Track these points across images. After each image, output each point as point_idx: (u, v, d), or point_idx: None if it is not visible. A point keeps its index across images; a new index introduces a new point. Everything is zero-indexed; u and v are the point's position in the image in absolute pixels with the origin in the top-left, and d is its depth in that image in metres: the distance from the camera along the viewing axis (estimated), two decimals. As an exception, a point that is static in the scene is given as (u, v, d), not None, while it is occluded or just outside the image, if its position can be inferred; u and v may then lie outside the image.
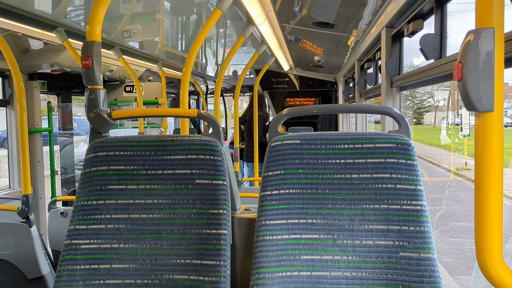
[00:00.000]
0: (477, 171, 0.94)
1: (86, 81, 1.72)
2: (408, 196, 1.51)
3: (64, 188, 4.96)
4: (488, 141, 0.92)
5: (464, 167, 11.53)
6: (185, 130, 2.42)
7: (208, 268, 1.58)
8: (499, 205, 0.93)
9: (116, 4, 2.81)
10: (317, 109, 2.04)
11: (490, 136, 0.91)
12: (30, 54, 3.80)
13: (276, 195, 1.57)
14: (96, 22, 1.70)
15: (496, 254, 0.93)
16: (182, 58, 5.19)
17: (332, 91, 8.27)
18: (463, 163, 11.84)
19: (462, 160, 11.92)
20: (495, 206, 0.92)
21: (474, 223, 0.96)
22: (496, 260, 0.93)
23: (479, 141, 0.93)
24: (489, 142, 0.92)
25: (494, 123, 0.91)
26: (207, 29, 2.33)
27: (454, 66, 0.92)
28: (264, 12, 3.10)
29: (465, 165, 11.54)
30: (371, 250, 1.52)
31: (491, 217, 0.92)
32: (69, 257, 1.63)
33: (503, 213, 0.93)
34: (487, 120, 0.91)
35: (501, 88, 0.90)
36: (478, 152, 0.93)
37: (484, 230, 0.93)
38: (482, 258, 0.95)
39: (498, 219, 0.93)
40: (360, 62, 4.84)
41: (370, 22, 3.38)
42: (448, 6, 2.27)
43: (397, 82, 2.97)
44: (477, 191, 0.94)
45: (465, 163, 11.62)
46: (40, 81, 4.10)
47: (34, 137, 4.09)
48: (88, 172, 1.68)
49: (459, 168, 11.72)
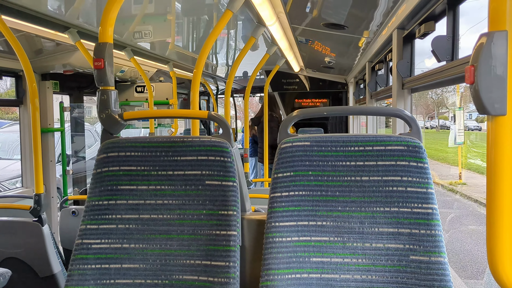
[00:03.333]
0: (489, 175, 0.93)
1: (98, 82, 1.73)
2: (419, 199, 1.50)
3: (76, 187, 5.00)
4: (501, 145, 0.91)
5: (458, 181, 10.60)
6: (196, 131, 2.42)
7: (217, 269, 1.58)
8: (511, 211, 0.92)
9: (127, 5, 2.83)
10: (327, 111, 2.03)
11: (502, 140, 0.91)
12: (43, 54, 3.84)
13: (285, 197, 1.57)
14: (108, 23, 1.71)
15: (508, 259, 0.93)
16: (193, 59, 5.21)
17: (343, 92, 8.24)
18: (455, 175, 10.85)
19: (455, 172, 10.96)
20: (508, 210, 0.92)
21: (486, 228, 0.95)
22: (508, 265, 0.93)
23: (492, 145, 0.92)
24: (502, 146, 0.91)
25: (507, 127, 0.91)
26: (218, 30, 2.34)
27: (466, 69, 0.92)
28: (275, 13, 3.11)
29: (459, 179, 10.60)
30: (381, 253, 1.51)
31: (503, 222, 0.92)
32: (80, 257, 1.64)
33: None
34: (499, 124, 0.90)
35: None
36: (491, 156, 0.93)
37: (496, 234, 0.93)
38: (493, 263, 0.94)
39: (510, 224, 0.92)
40: (371, 63, 4.83)
41: (381, 24, 3.37)
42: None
43: (408, 84, 2.96)
44: (489, 195, 0.94)
45: (459, 175, 10.70)
46: (53, 81, 4.14)
47: (46, 137, 4.13)
48: (99, 172, 1.70)
49: (452, 183, 10.77)
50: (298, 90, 8.37)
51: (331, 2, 2.99)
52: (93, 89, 4.93)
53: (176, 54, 4.88)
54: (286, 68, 7.27)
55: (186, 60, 5.27)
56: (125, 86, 5.47)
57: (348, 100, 8.01)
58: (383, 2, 2.81)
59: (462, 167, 10.82)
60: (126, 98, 5.49)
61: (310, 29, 3.96)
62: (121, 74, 4.73)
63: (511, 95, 0.89)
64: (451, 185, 10.57)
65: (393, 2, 2.74)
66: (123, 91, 5.47)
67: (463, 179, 10.43)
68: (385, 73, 4.22)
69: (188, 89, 7.52)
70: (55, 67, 3.98)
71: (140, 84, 5.46)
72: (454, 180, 10.72)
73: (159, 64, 5.05)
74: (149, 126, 5.03)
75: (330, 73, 7.80)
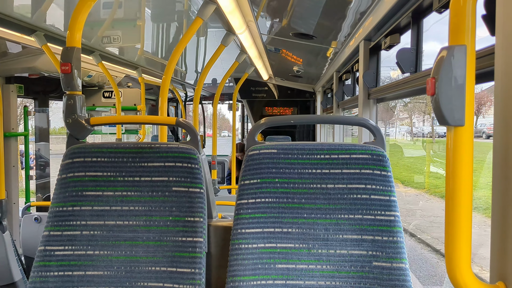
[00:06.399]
0: (447, 183, 0.97)
1: (64, 87, 1.71)
2: (382, 207, 1.54)
3: (39, 193, 4.89)
4: (459, 155, 0.95)
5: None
6: (164, 137, 2.41)
7: (183, 275, 1.58)
8: (468, 218, 0.96)
9: (96, 9, 2.80)
10: (294, 119, 2.06)
11: (461, 149, 0.94)
12: (8, 57, 3.74)
13: (252, 203, 1.59)
14: (76, 28, 1.70)
15: (465, 265, 0.96)
16: (162, 65, 5.18)
17: (311, 101, 8.33)
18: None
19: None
20: (465, 218, 0.95)
21: (444, 235, 0.98)
22: (465, 270, 0.96)
23: (450, 154, 0.95)
24: (460, 156, 0.95)
25: (465, 137, 0.94)
26: (188, 37, 2.34)
27: (428, 81, 0.95)
28: (245, 22, 3.13)
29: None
30: (345, 259, 1.54)
31: (461, 229, 0.95)
32: (42, 264, 1.61)
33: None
34: (458, 134, 0.94)
35: (472, 103, 0.93)
36: (449, 165, 0.96)
37: (454, 241, 0.96)
38: (451, 269, 0.97)
39: (467, 231, 0.95)
40: (338, 73, 4.90)
41: (349, 35, 3.43)
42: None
43: (374, 94, 3.02)
44: (448, 203, 0.97)
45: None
46: (17, 85, 4.05)
47: (9, 142, 4.03)
48: (64, 178, 1.67)
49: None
50: (266, 98, 8.42)
51: (300, 12, 3.03)
52: (59, 94, 4.84)
53: (145, 60, 4.84)
54: (255, 76, 7.30)
55: (155, 66, 5.24)
56: (92, 91, 5.39)
57: (316, 108, 8.10)
58: (351, 14, 2.86)
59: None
60: (93, 103, 5.41)
61: (279, 38, 3.99)
62: (88, 79, 4.66)
63: (469, 107, 0.93)
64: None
65: (360, 14, 2.80)
66: (90, 96, 5.39)
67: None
68: (352, 83, 4.29)
69: (156, 95, 7.47)
70: (20, 70, 3.90)
71: (108, 89, 5.39)
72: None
73: (128, 69, 5.00)
74: (116, 132, 4.97)
75: (299, 82, 7.87)
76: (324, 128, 7.62)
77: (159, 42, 4.20)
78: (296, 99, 8.36)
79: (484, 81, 1.38)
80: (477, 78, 1.00)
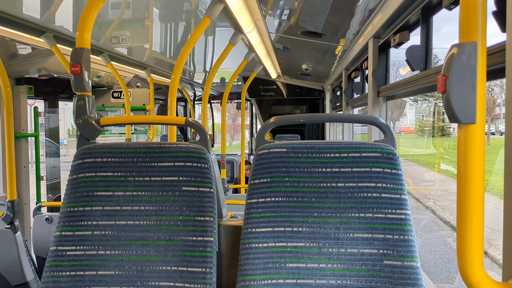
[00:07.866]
0: (459, 182, 0.96)
1: (74, 88, 1.72)
2: (393, 205, 1.53)
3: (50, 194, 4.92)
4: (471, 152, 0.94)
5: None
6: (173, 137, 2.42)
7: (194, 275, 1.58)
8: (480, 216, 0.95)
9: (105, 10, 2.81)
10: (303, 118, 2.05)
11: (472, 147, 0.94)
12: (18, 59, 3.77)
13: (262, 203, 1.58)
14: (85, 29, 1.71)
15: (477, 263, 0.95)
16: (171, 65, 5.20)
17: (319, 99, 8.31)
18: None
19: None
20: (477, 216, 0.94)
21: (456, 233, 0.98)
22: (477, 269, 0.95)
23: (462, 152, 0.95)
24: (471, 153, 0.94)
25: (476, 135, 0.93)
26: (196, 36, 2.34)
27: (438, 78, 0.94)
28: (253, 20, 3.12)
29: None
30: (356, 258, 1.53)
31: (473, 227, 0.94)
32: (54, 264, 1.62)
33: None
34: (469, 132, 0.93)
35: (483, 100, 0.92)
36: (461, 163, 0.95)
37: (466, 240, 0.95)
38: (463, 267, 0.97)
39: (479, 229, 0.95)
40: (347, 71, 4.88)
41: (357, 32, 3.42)
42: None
43: (384, 92, 3.01)
44: (459, 201, 0.96)
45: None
46: (27, 86, 4.08)
47: (20, 142, 4.06)
48: (75, 178, 1.68)
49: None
50: (275, 96, 8.41)
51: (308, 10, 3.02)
52: (69, 94, 4.87)
53: (153, 60, 4.86)
54: (263, 75, 7.30)
55: (163, 66, 5.25)
56: (101, 91, 5.42)
57: (325, 107, 8.07)
58: (359, 11, 2.85)
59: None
60: (102, 103, 5.44)
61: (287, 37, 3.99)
62: (97, 80, 4.68)
63: (480, 104, 0.92)
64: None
65: (369, 12, 2.79)
66: (100, 97, 5.42)
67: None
68: (361, 81, 4.27)
69: (165, 95, 7.49)
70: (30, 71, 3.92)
71: (117, 89, 5.41)
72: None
73: (137, 69, 5.02)
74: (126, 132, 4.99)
75: (307, 80, 7.86)
76: (333, 126, 7.59)
77: (167, 42, 4.21)
78: (304, 98, 8.34)
79: (495, 78, 1.37)
80: (489, 75, 0.99)
